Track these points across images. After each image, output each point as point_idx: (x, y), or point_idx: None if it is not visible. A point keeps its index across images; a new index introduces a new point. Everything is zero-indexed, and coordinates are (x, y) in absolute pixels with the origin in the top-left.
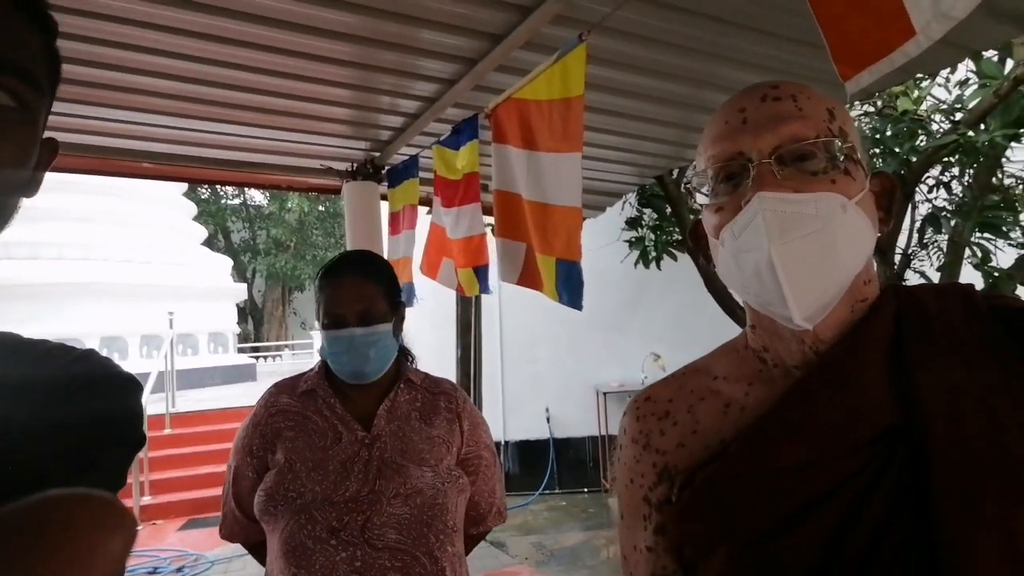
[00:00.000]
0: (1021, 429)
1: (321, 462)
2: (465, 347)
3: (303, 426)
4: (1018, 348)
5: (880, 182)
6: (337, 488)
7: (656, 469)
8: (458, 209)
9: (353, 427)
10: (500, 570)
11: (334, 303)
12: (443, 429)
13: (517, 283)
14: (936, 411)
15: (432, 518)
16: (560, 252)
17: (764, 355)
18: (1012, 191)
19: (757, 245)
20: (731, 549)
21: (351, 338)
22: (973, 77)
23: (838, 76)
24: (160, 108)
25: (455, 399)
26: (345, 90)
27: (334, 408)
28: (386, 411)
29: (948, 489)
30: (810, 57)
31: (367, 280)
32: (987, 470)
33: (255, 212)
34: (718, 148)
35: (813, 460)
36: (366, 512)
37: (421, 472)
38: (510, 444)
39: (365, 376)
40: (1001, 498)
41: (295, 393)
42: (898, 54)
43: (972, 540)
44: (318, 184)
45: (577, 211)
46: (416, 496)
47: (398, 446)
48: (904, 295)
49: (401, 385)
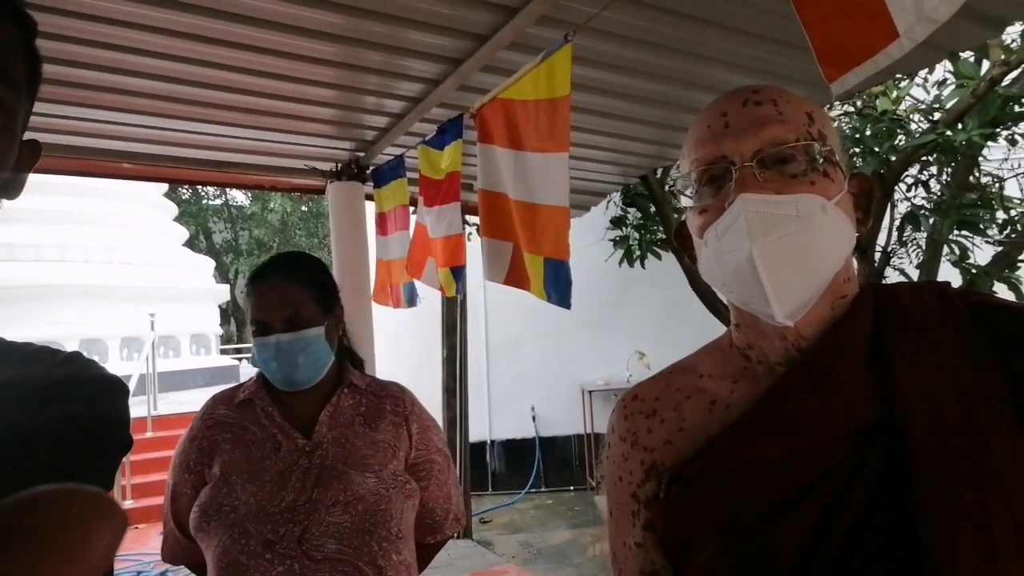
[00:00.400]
0: (996, 424)
1: (258, 473)
2: (451, 347)
3: (240, 437)
4: (992, 344)
5: (858, 183)
6: (272, 499)
7: (644, 466)
8: (439, 208)
9: (292, 435)
10: (487, 569)
11: (257, 309)
12: (389, 433)
13: (504, 283)
14: (914, 407)
15: (374, 525)
16: (548, 251)
17: (748, 352)
18: (989, 189)
19: (739, 245)
20: (718, 543)
21: (277, 344)
22: (951, 77)
23: (823, 77)
24: (141, 108)
25: (402, 402)
26: (329, 90)
27: (272, 417)
28: (328, 417)
29: (927, 483)
30: (793, 58)
31: (292, 283)
32: (964, 465)
33: (237, 212)
34: (701, 152)
35: (796, 455)
36: (303, 522)
37: (363, 478)
38: (496, 443)
39: (297, 383)
40: (978, 492)
41: (233, 404)
42: (882, 56)
43: (950, 534)
44: (302, 184)
45: (565, 210)
46: (357, 503)
47: (340, 452)
48: (882, 293)
49: (344, 390)
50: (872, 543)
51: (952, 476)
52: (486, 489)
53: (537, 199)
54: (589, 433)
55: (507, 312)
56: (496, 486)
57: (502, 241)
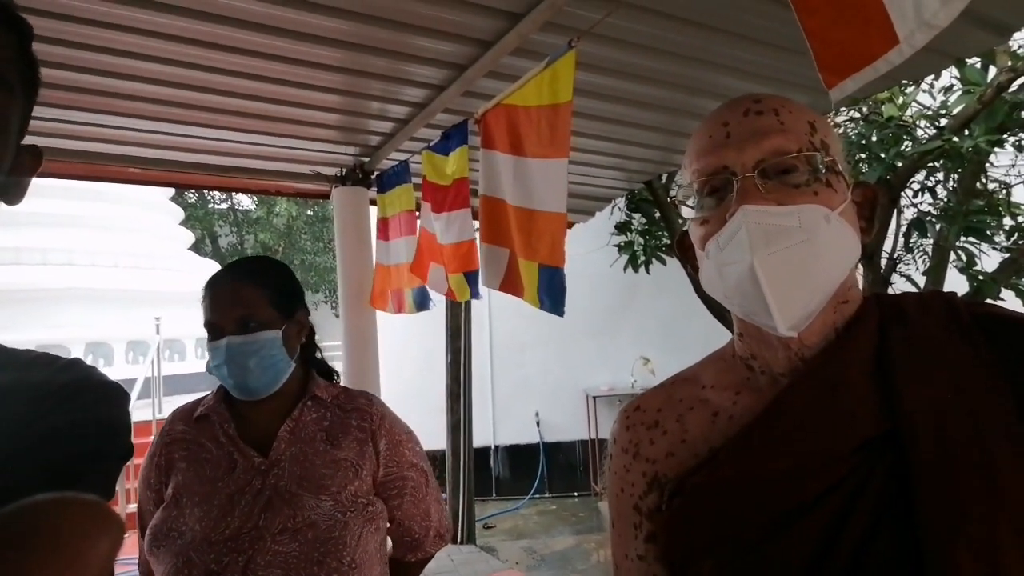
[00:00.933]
0: (1004, 440)
1: (208, 496)
2: (455, 352)
3: (196, 455)
4: (999, 357)
5: (862, 192)
6: (217, 525)
7: (646, 478)
8: (448, 215)
9: (248, 453)
10: (490, 575)
11: (210, 311)
12: (351, 451)
13: (499, 289)
14: (920, 422)
15: (325, 555)
16: (543, 258)
17: (751, 363)
18: (996, 196)
19: (741, 257)
20: (719, 557)
21: (227, 347)
22: (957, 83)
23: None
24: (147, 113)
25: (369, 416)
26: (335, 95)
27: (228, 433)
28: (288, 432)
29: (932, 500)
30: (796, 64)
31: (247, 284)
32: (971, 482)
33: (243, 217)
34: (703, 162)
35: (799, 468)
36: (247, 551)
37: (318, 501)
38: (500, 448)
39: (251, 391)
40: (985, 510)
41: (191, 419)
42: (882, 62)
43: (955, 552)
44: (307, 189)
45: (562, 217)
46: (308, 530)
47: (296, 472)
48: (887, 304)
49: (308, 403)
50: (878, 559)
51: (959, 493)
52: (490, 495)
53: (535, 205)
54: (593, 439)
55: (511, 317)
56: (500, 492)
57: (499, 247)
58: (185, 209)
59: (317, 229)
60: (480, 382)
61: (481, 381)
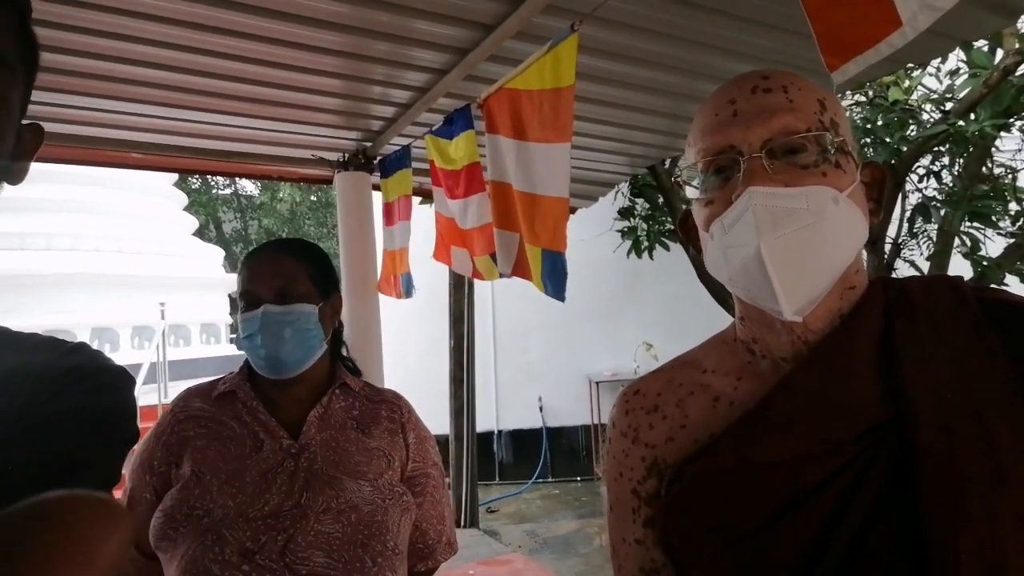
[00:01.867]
0: (1008, 428)
1: (236, 473)
2: (458, 337)
3: (217, 433)
4: (1006, 343)
5: (871, 172)
6: (255, 501)
7: (645, 463)
8: (464, 200)
9: (278, 434)
10: (493, 558)
11: (249, 281)
12: (384, 440)
13: (512, 274)
14: (923, 409)
15: (369, 537)
16: (546, 242)
17: (753, 347)
18: (1001, 180)
19: (747, 240)
20: (719, 544)
21: (264, 316)
22: (964, 67)
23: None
24: (148, 97)
25: (399, 408)
26: (336, 80)
27: (256, 413)
28: (317, 418)
29: (935, 487)
30: (801, 47)
31: (287, 256)
32: (973, 469)
33: (247, 202)
34: (708, 141)
35: (801, 456)
36: (288, 530)
37: (358, 486)
38: (503, 433)
39: (283, 364)
40: (987, 498)
41: (210, 397)
42: (884, 45)
43: (957, 540)
44: (309, 174)
45: (564, 202)
46: (351, 512)
47: (330, 457)
48: (893, 289)
49: (336, 390)
50: (878, 547)
51: (961, 481)
52: (493, 479)
53: (538, 190)
54: (596, 424)
55: (515, 302)
56: (503, 476)
57: (510, 232)
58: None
59: (321, 214)
60: (483, 367)
61: (484, 366)
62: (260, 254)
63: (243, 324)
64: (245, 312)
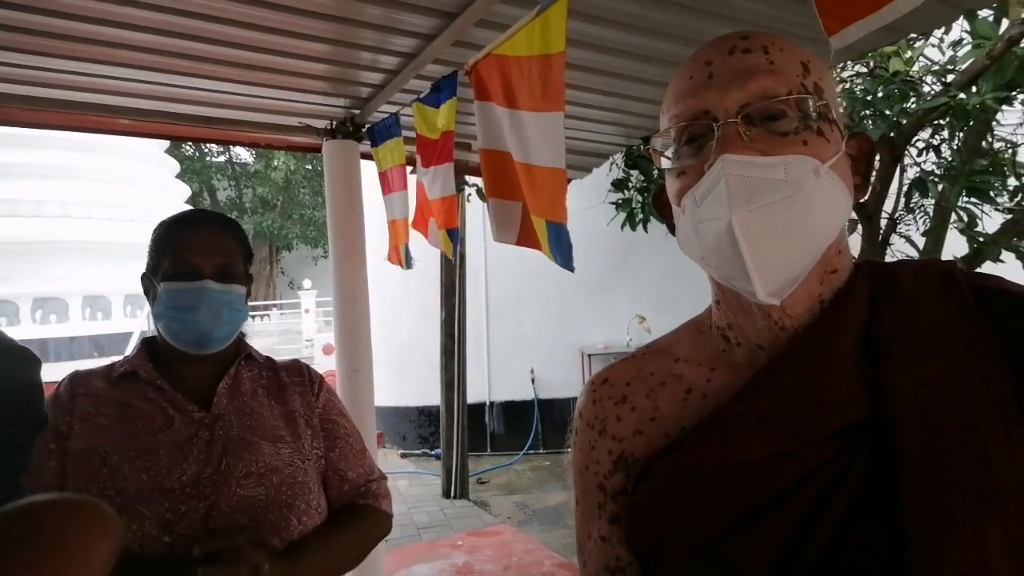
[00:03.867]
0: (997, 430)
1: (148, 448)
2: (449, 309)
3: (121, 414)
4: (1000, 336)
5: (857, 144)
6: (171, 473)
7: (612, 457)
8: (434, 169)
9: (187, 407)
10: (483, 529)
11: (189, 251)
12: (297, 403)
13: (516, 243)
14: (908, 408)
15: (293, 498)
16: (549, 214)
17: (728, 333)
18: (1001, 155)
19: (718, 214)
20: (688, 546)
21: (205, 292)
22: (967, 37)
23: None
24: (133, 61)
25: (304, 372)
26: (325, 44)
27: (162, 389)
28: (227, 389)
29: (917, 492)
30: (804, 15)
31: (227, 234)
32: (958, 474)
33: (241, 170)
34: (681, 106)
35: (775, 455)
36: (210, 497)
37: (276, 449)
38: (495, 404)
39: (212, 341)
40: (972, 504)
41: (110, 378)
42: (888, 10)
43: (940, 549)
44: (299, 142)
45: (561, 172)
46: (272, 474)
47: (246, 423)
48: (880, 275)
49: (242, 361)
50: (855, 552)
51: (944, 486)
52: (484, 450)
53: (533, 160)
54: None
55: (508, 274)
56: (494, 447)
57: (509, 201)
58: (182, 162)
59: (316, 183)
60: (476, 339)
61: (477, 338)
62: (198, 226)
63: (174, 295)
64: (178, 282)
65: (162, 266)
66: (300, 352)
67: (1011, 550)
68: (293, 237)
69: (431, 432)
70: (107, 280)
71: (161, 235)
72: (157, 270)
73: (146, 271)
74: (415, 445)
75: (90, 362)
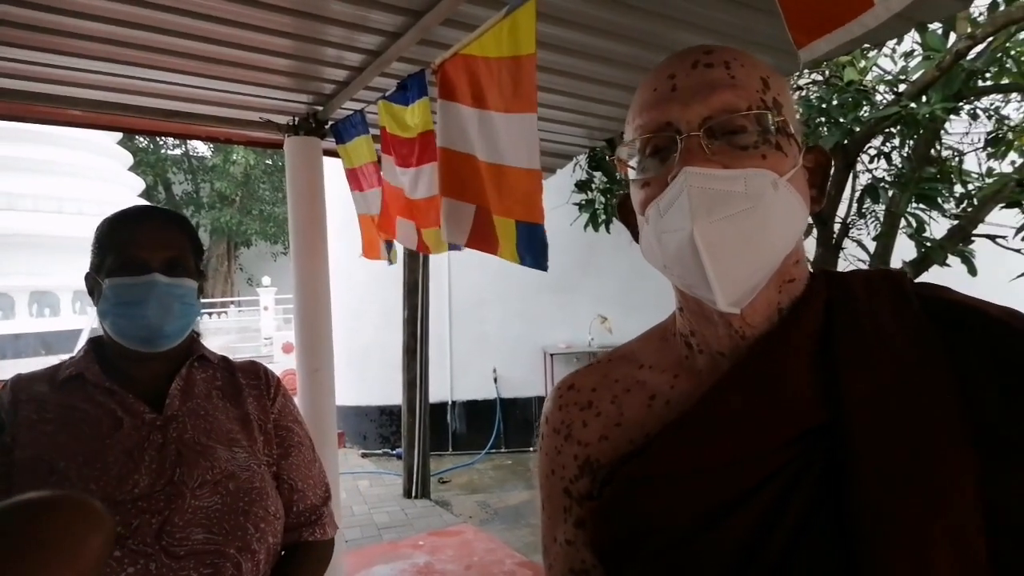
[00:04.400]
0: (943, 437)
1: (95, 454)
2: (412, 308)
3: (67, 418)
4: (947, 347)
5: (814, 158)
6: (122, 484)
7: (578, 461)
8: (416, 169)
9: (138, 409)
10: (444, 529)
11: (135, 245)
12: (253, 406)
13: (466, 245)
14: (859, 414)
15: (250, 504)
16: (520, 214)
17: (691, 340)
18: (948, 163)
19: (681, 224)
20: (652, 549)
21: (153, 286)
22: (918, 49)
23: (792, 43)
24: (88, 52)
25: (260, 374)
26: (288, 40)
27: (111, 391)
28: (180, 389)
29: (865, 494)
30: (764, 23)
31: (174, 227)
32: (908, 484)
33: (198, 164)
34: (645, 117)
35: (735, 459)
36: (164, 512)
37: (232, 454)
38: (457, 404)
39: (163, 337)
40: (919, 509)
41: (55, 382)
42: (855, 24)
43: (888, 551)
44: (259, 138)
45: (536, 173)
46: (228, 481)
47: (201, 426)
48: (835, 284)
49: (195, 361)
50: (806, 558)
51: (894, 494)
52: (446, 449)
53: (506, 161)
54: None
55: (471, 273)
56: (456, 446)
57: (463, 202)
58: (135, 154)
59: (276, 179)
60: (438, 338)
61: (440, 337)
62: (143, 220)
63: (122, 290)
64: (125, 277)
65: (107, 262)
66: (259, 350)
67: (956, 553)
68: (252, 233)
69: (392, 432)
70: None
71: (105, 231)
72: (101, 267)
73: (90, 270)
74: (376, 445)
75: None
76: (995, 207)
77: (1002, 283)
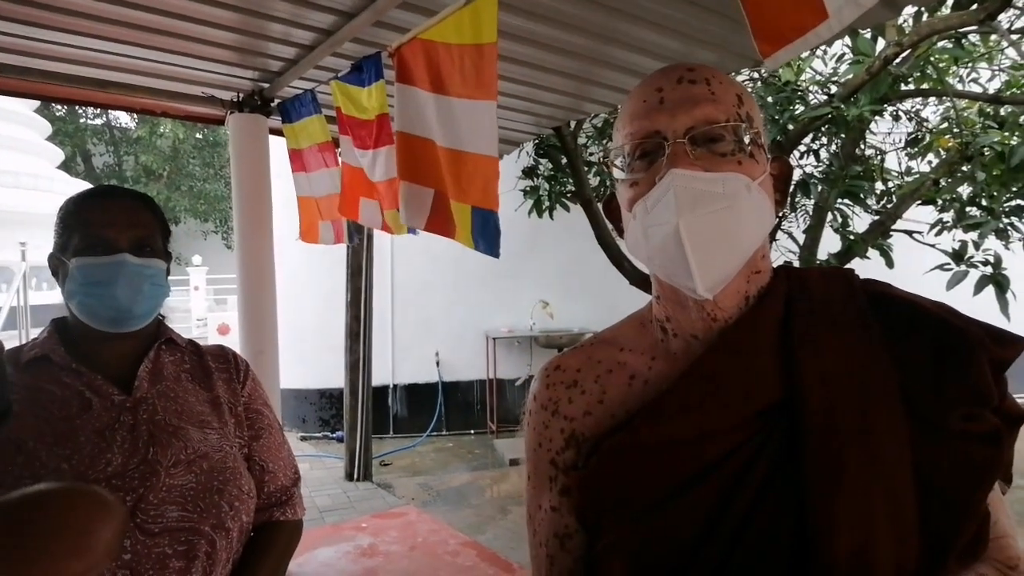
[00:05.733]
0: (884, 410)
1: (66, 434)
2: (355, 291)
3: (33, 399)
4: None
5: (779, 166)
6: (95, 463)
7: (564, 434)
8: (374, 151)
9: (107, 390)
10: (386, 511)
11: (102, 225)
12: (223, 390)
13: (425, 229)
14: (812, 391)
15: (224, 483)
16: (476, 200)
17: (666, 325)
18: (872, 162)
19: (667, 219)
20: (626, 517)
21: (123, 265)
22: (849, 52)
23: (744, 47)
24: (9, 14)
25: (228, 358)
26: (232, 12)
27: (78, 372)
28: (148, 372)
29: (816, 463)
30: (711, 23)
31: (142, 207)
32: (851, 449)
33: (120, 135)
34: (635, 126)
35: (704, 434)
36: (138, 490)
37: (204, 435)
38: (399, 387)
39: (133, 318)
40: (861, 471)
41: (19, 363)
42: (812, 35)
43: (834, 507)
44: (199, 113)
45: (493, 160)
46: (201, 461)
47: (172, 407)
48: (795, 278)
49: (162, 344)
50: (766, 517)
51: (840, 458)
52: (387, 432)
53: (465, 147)
54: (491, 379)
55: (414, 257)
56: (398, 429)
57: (421, 186)
58: (53, 123)
59: (207, 154)
60: (381, 322)
61: (382, 321)
62: (111, 199)
63: (88, 270)
64: (93, 257)
65: (73, 242)
66: (190, 332)
67: (892, 509)
68: (181, 210)
69: (332, 415)
70: None
71: (70, 210)
72: (67, 247)
73: (53, 251)
74: (315, 428)
75: None
76: (913, 204)
77: (915, 275)
